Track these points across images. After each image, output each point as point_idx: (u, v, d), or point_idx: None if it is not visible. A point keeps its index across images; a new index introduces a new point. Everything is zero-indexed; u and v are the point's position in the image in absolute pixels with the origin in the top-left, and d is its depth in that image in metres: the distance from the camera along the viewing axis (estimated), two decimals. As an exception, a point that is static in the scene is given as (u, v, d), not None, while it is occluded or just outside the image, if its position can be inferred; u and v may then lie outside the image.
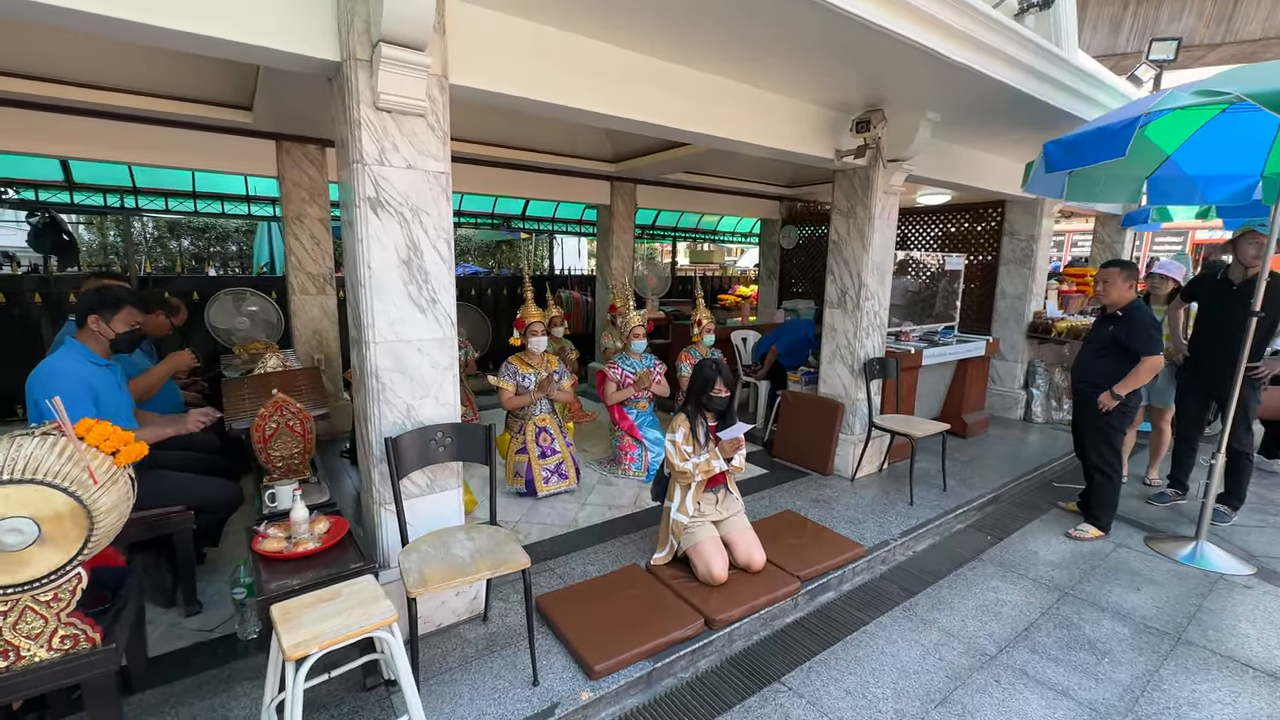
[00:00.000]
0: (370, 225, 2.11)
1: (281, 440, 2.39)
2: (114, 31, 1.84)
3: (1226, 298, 3.54)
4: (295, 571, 1.97)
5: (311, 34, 2.00)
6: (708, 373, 2.81)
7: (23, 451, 1.46)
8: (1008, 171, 5.05)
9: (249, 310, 4.78)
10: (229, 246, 11.40)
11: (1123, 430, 3.46)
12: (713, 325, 4.56)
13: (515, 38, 2.39)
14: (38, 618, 1.49)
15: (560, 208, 8.05)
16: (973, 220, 6.44)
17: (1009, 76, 3.02)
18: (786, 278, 8.38)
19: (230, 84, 3.85)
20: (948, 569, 3.18)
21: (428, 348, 2.30)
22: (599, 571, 2.90)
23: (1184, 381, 3.89)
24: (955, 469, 4.44)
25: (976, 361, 5.29)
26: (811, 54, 2.77)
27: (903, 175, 3.98)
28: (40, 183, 4.95)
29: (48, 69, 3.50)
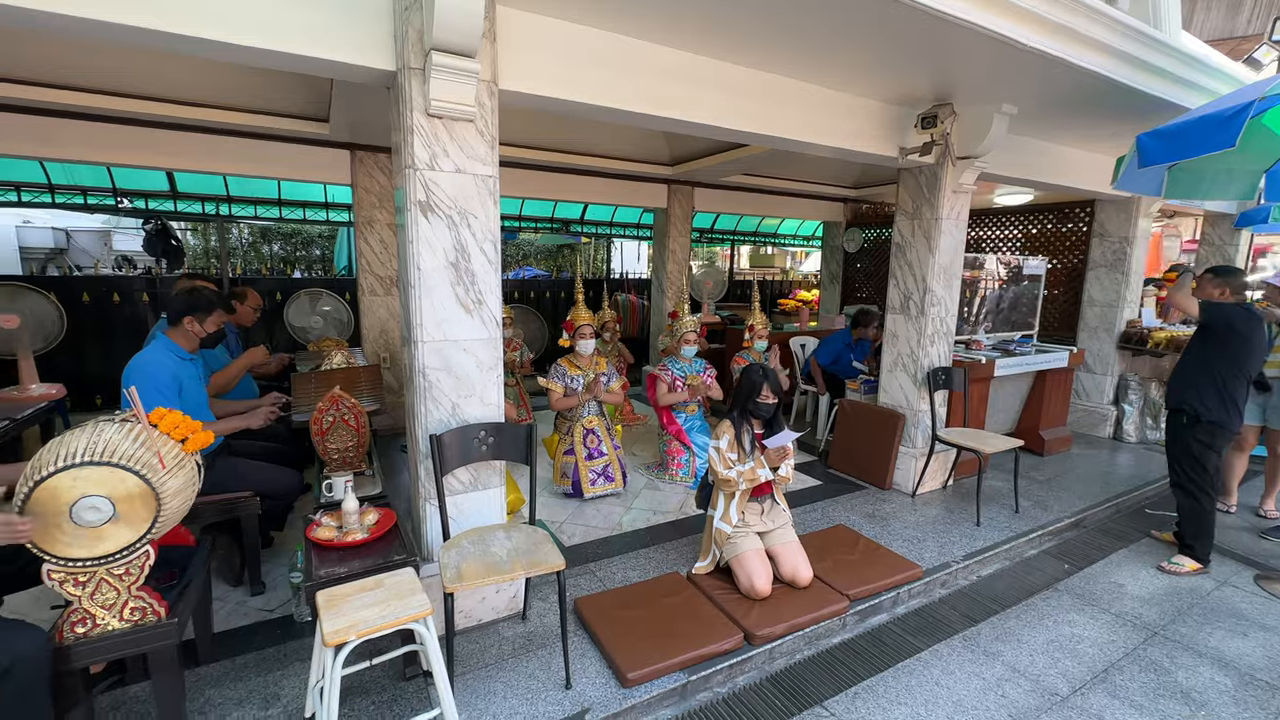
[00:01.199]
0: (420, 228, 2.18)
1: (337, 433, 2.51)
2: (198, 50, 1.99)
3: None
4: (343, 560, 2.06)
5: (370, 45, 2.09)
6: (755, 378, 2.73)
7: (103, 436, 1.59)
8: (1097, 167, 4.65)
9: (323, 310, 5.08)
10: (313, 251, 12.23)
11: (1215, 449, 3.10)
12: (767, 331, 4.47)
13: (564, 42, 2.41)
14: (111, 589, 1.62)
15: (618, 212, 8.11)
16: (1058, 221, 5.96)
17: (1097, 63, 2.77)
18: (850, 282, 8.08)
19: (309, 98, 4.12)
20: (1016, 598, 2.93)
21: (473, 348, 2.35)
22: (640, 576, 2.87)
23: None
24: (1030, 489, 4.11)
25: (1058, 373, 4.88)
26: (873, 47, 2.64)
27: (974, 173, 3.73)
28: (150, 192, 5.47)
29: (156, 89, 3.86)
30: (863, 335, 5.19)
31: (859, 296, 7.88)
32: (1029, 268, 5.08)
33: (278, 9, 1.95)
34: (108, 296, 5.44)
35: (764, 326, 4.48)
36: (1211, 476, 3.14)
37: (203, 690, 2.09)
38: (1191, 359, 3.18)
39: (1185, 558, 3.23)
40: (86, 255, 10.49)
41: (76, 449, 1.54)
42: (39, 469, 1.50)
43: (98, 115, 3.99)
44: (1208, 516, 3.16)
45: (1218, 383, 3.05)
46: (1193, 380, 3.14)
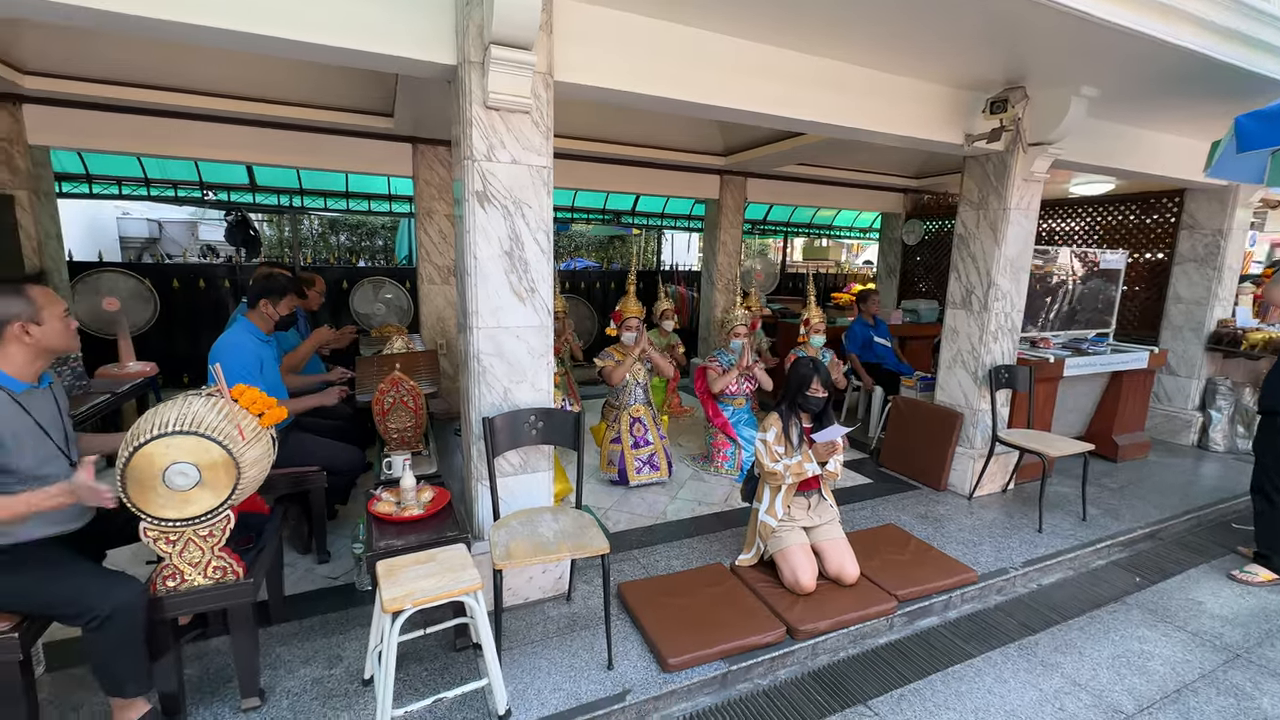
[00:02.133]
0: (477, 217, 2.25)
1: (397, 414, 2.64)
2: (275, 49, 2.12)
3: None
4: (400, 534, 2.17)
5: (433, 40, 2.17)
6: (804, 371, 2.68)
7: (191, 409, 1.73)
8: (1187, 153, 4.29)
9: (385, 298, 5.32)
10: (376, 241, 12.79)
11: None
12: (823, 325, 4.37)
13: (619, 32, 2.42)
14: (197, 549, 1.77)
15: (670, 203, 8.08)
16: (1140, 211, 5.55)
17: (1193, 40, 2.55)
18: (908, 276, 7.80)
19: (376, 94, 4.30)
20: (1080, 609, 2.79)
21: (525, 334, 2.41)
22: (683, 565, 2.89)
23: None
24: (1100, 496, 3.88)
25: (1136, 375, 4.57)
26: (942, 28, 2.52)
27: (1047, 161, 3.52)
28: (232, 185, 5.85)
29: (239, 88, 4.12)
30: (870, 312, 5.24)
31: (919, 290, 7.60)
32: (1106, 261, 4.76)
33: (349, 8, 2.05)
34: (194, 283, 5.87)
35: (820, 320, 4.38)
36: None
37: (273, 648, 2.25)
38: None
39: (1260, 567, 3.01)
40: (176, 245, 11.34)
41: (168, 419, 1.68)
42: (137, 436, 1.65)
43: (188, 113, 4.30)
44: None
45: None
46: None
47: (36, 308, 1.70)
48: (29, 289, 1.71)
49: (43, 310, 1.71)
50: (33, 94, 3.82)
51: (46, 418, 1.75)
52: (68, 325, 1.79)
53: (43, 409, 1.76)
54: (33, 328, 1.70)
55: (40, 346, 1.73)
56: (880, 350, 5.21)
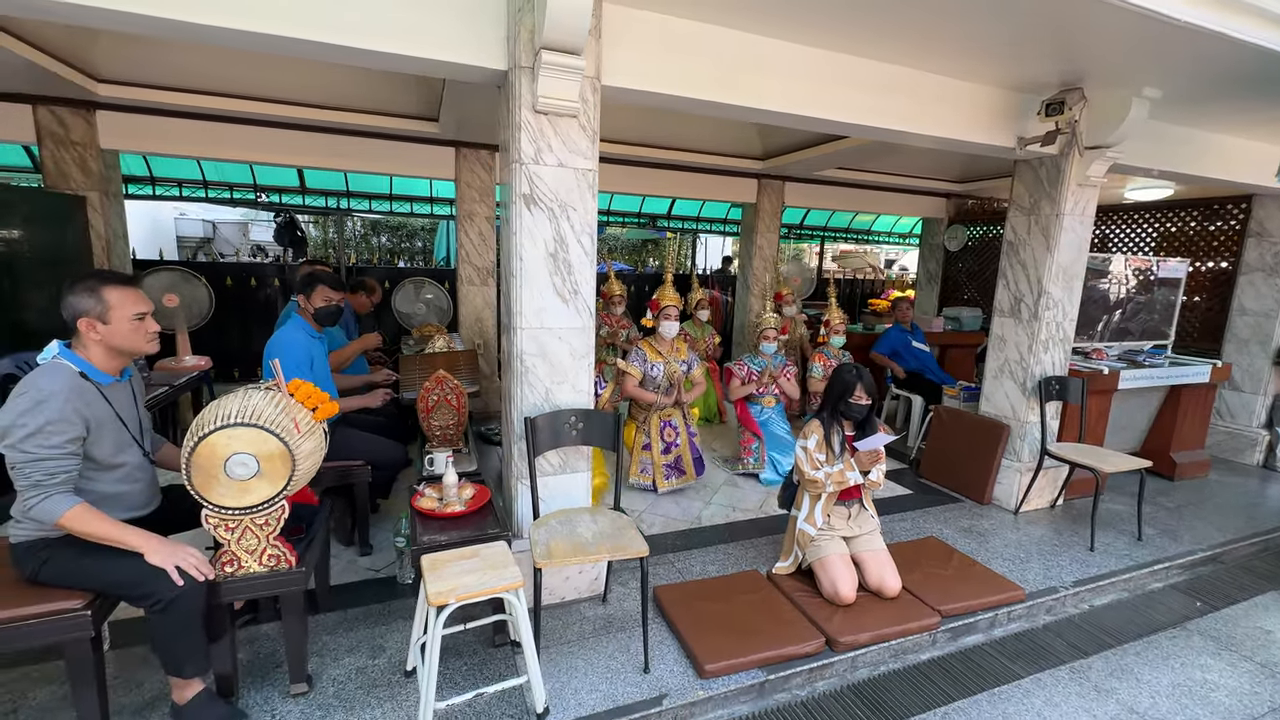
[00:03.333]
0: (523, 220, 2.28)
1: (441, 412, 2.69)
2: (338, 57, 2.19)
3: None
4: (443, 529, 2.21)
5: (485, 46, 2.22)
6: (848, 377, 2.64)
7: (251, 401, 1.80)
8: (1256, 156, 4.08)
9: (426, 298, 5.44)
10: (415, 243, 13.11)
11: None
12: (844, 326, 4.45)
13: (666, 36, 2.43)
14: (254, 537, 1.83)
15: (705, 207, 8.07)
16: (1203, 218, 5.30)
17: (1266, 37, 2.43)
18: (950, 283, 7.60)
19: (422, 99, 4.41)
20: (1136, 633, 2.66)
21: (568, 335, 2.44)
22: (718, 571, 2.86)
23: None
24: (1157, 515, 3.70)
25: (1196, 389, 4.36)
26: (997, 26, 2.46)
27: (1105, 165, 3.39)
28: (283, 188, 6.09)
29: (290, 93, 4.28)
30: (906, 318, 5.22)
31: (961, 298, 7.39)
32: (1165, 270, 4.55)
33: (406, 16, 2.11)
34: (246, 281, 6.11)
35: (840, 321, 4.41)
36: None
37: (320, 636, 2.31)
38: None
39: None
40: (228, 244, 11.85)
41: (230, 411, 1.75)
42: (202, 426, 1.72)
43: (244, 118, 4.49)
44: None
45: None
46: None
47: (106, 306, 1.75)
48: (105, 288, 1.77)
49: (112, 310, 1.76)
50: (105, 100, 4.04)
51: (125, 408, 1.84)
52: (138, 328, 1.81)
53: (121, 400, 1.85)
54: (99, 325, 1.75)
55: (108, 344, 1.78)
56: (921, 356, 5.10)
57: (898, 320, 5.23)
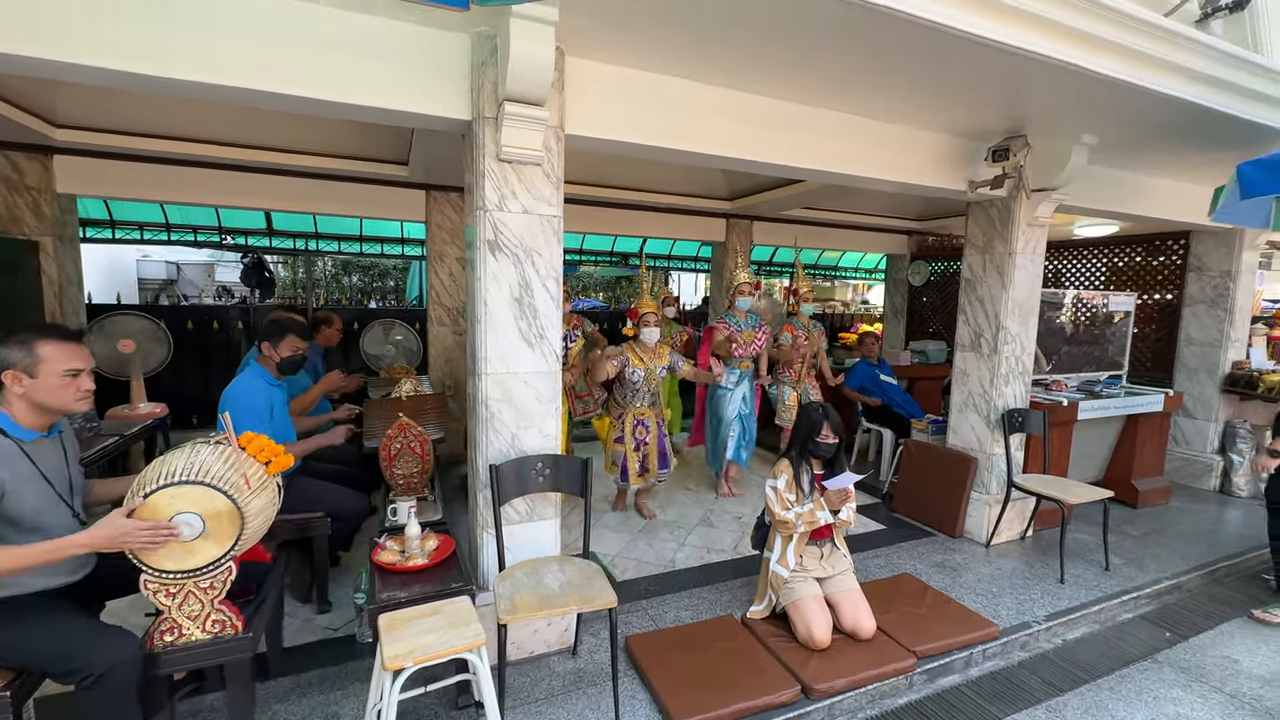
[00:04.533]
0: (488, 265, 2.28)
1: (404, 460, 2.62)
2: (306, 109, 2.19)
3: None
4: (404, 585, 2.12)
5: (449, 97, 2.25)
6: (814, 416, 2.66)
7: (199, 457, 1.72)
8: (1192, 197, 4.33)
9: (395, 339, 5.36)
10: (387, 282, 13.02)
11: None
12: (812, 295, 4.64)
13: (626, 87, 2.51)
14: (197, 601, 1.73)
15: (677, 245, 8.20)
16: (1147, 253, 5.58)
17: (1186, 90, 2.61)
18: (915, 316, 7.81)
19: (391, 144, 4.44)
20: (1109, 667, 2.66)
21: (534, 380, 2.41)
22: (692, 617, 2.80)
23: None
24: (1122, 545, 3.76)
25: (1152, 418, 4.49)
26: (940, 83, 2.60)
27: (1051, 206, 3.56)
28: (249, 229, 6.01)
29: (258, 139, 4.28)
30: (872, 353, 5.29)
31: (927, 331, 7.59)
32: (1115, 303, 4.75)
33: (369, 68, 2.13)
34: (208, 324, 5.95)
35: (809, 291, 4.57)
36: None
37: (269, 704, 2.18)
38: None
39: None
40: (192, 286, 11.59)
41: (175, 468, 1.67)
42: (144, 485, 1.64)
43: (209, 163, 4.45)
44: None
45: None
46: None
47: (36, 360, 1.66)
48: (39, 341, 1.67)
49: (42, 364, 1.67)
50: (63, 145, 3.98)
51: (50, 466, 1.74)
52: (68, 385, 1.71)
53: (48, 458, 1.75)
54: (25, 379, 1.66)
55: (32, 399, 1.68)
56: (889, 389, 5.16)
57: (864, 355, 5.32)
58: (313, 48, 2.03)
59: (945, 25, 1.95)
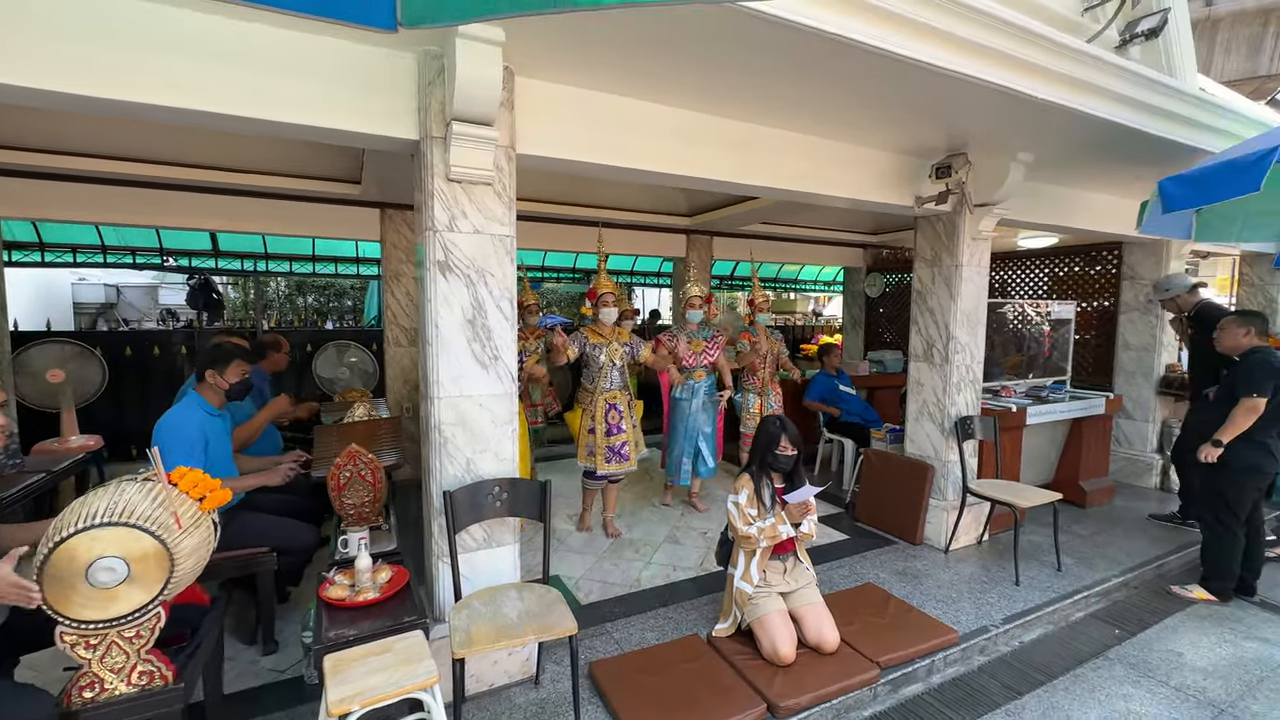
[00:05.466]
0: (439, 286, 2.23)
1: (354, 489, 2.52)
2: (248, 129, 2.09)
3: None
4: (353, 621, 2.02)
5: (396, 117, 2.20)
6: (772, 429, 2.67)
7: (123, 496, 1.61)
8: (1122, 211, 4.58)
9: (350, 361, 5.21)
10: (345, 302, 12.67)
11: (1241, 485, 3.17)
12: (768, 305, 4.65)
13: (578, 107, 2.51)
14: (121, 653, 1.61)
15: (638, 261, 8.25)
16: (1085, 263, 5.86)
17: (1110, 111, 2.76)
18: (872, 327, 8.01)
19: (342, 163, 4.34)
20: (1064, 667, 2.73)
21: (489, 403, 2.36)
22: (658, 638, 2.76)
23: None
24: (1073, 544, 3.89)
25: (1095, 421, 4.69)
26: (882, 104, 2.69)
27: (993, 220, 3.71)
28: (194, 251, 5.78)
29: (202, 158, 4.12)
30: (833, 365, 5.38)
31: (884, 340, 7.79)
32: (1057, 311, 4.96)
33: (313, 87, 2.07)
34: (149, 349, 5.67)
35: (765, 301, 4.63)
36: (1239, 517, 3.21)
37: (208, 757, 2.04)
38: (1222, 400, 3.29)
39: (1198, 585, 3.35)
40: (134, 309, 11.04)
41: (97, 510, 1.56)
42: (59, 530, 1.53)
43: (148, 182, 4.26)
44: (1228, 555, 3.24)
45: (1252, 430, 3.11)
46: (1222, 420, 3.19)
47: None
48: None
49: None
50: (-18, 165, 3.76)
51: None
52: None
53: None
54: None
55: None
56: (847, 399, 5.25)
57: (824, 367, 5.41)
58: (251, 65, 1.96)
59: (873, 46, 2.00)
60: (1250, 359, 3.20)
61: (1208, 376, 4.02)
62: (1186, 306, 4.27)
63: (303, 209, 4.93)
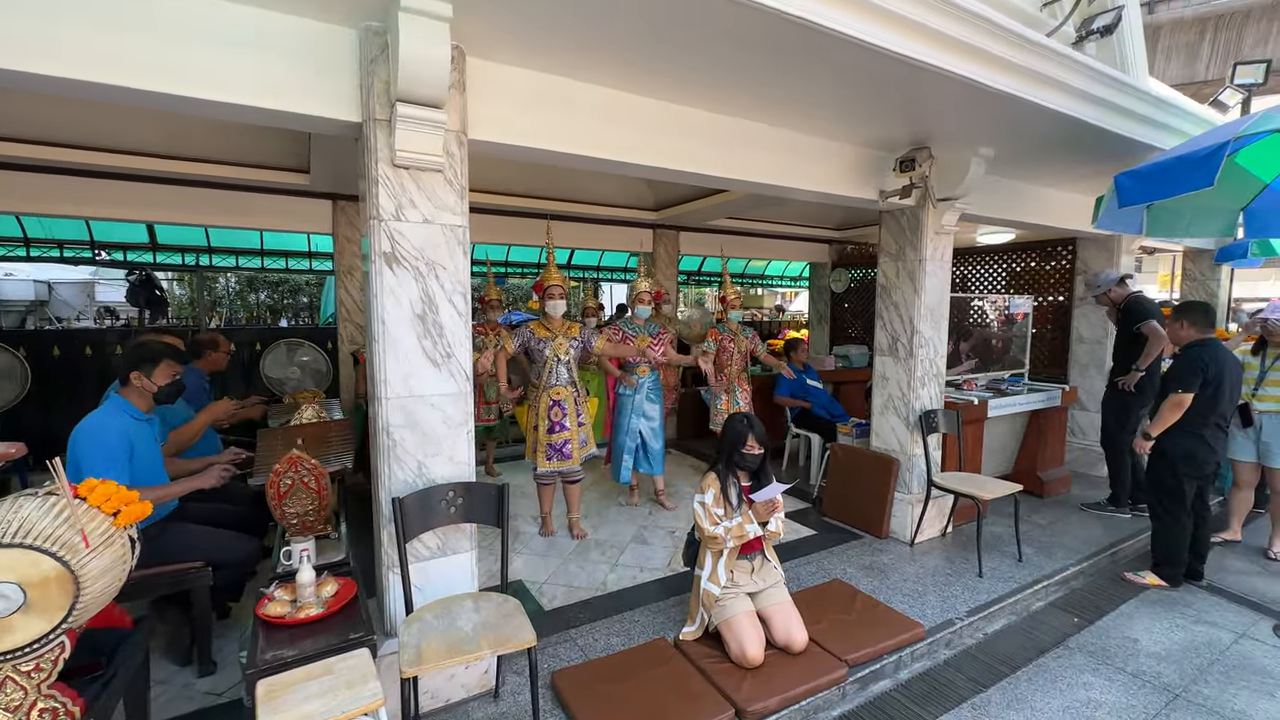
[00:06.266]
0: (385, 279, 2.09)
1: (297, 497, 2.36)
2: (173, 106, 1.92)
3: None
4: (293, 640, 1.88)
5: (336, 98, 2.05)
6: (739, 428, 2.61)
7: (20, 514, 1.44)
8: (1077, 207, 4.69)
9: (301, 360, 4.96)
10: (300, 299, 12.18)
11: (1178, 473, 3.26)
12: (739, 301, 4.59)
13: (536, 91, 2.39)
14: (18, 689, 1.44)
15: (605, 257, 8.13)
16: (1040, 259, 6.01)
17: (1067, 106, 2.79)
18: (838, 322, 8.09)
19: (290, 150, 4.11)
20: (1026, 658, 2.75)
21: (441, 403, 2.23)
22: (624, 643, 2.67)
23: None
24: (1032, 534, 3.96)
25: (1052, 412, 4.80)
26: (843, 94, 2.65)
27: (956, 215, 3.73)
28: (129, 244, 5.41)
29: (134, 144, 3.84)
30: (800, 360, 5.36)
31: (850, 335, 7.86)
32: (1015, 306, 5.06)
33: (248, 63, 1.91)
34: (79, 350, 5.29)
35: (736, 297, 4.59)
36: (1183, 504, 3.30)
37: (132, 794, 1.87)
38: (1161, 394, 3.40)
39: (1150, 571, 3.45)
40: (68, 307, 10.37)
41: (-13, 530, 1.39)
42: (-59, 554, 1.35)
43: (76, 170, 3.96)
44: (1176, 542, 3.34)
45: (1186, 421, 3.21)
46: None
47: None
48: None
49: None
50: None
51: None
52: None
53: None
54: None
55: None
56: (814, 393, 5.27)
57: (791, 361, 5.40)
58: (164, 35, 1.79)
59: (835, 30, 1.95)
60: (1184, 355, 3.26)
61: (1124, 366, 4.26)
62: (1119, 299, 4.40)
63: (249, 200, 4.66)
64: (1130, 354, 4.20)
